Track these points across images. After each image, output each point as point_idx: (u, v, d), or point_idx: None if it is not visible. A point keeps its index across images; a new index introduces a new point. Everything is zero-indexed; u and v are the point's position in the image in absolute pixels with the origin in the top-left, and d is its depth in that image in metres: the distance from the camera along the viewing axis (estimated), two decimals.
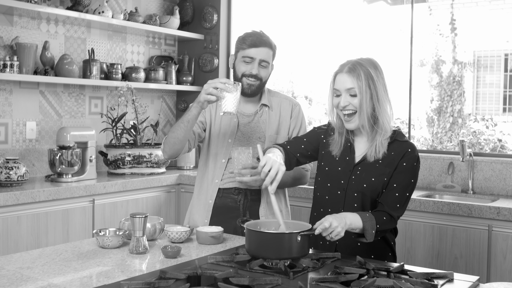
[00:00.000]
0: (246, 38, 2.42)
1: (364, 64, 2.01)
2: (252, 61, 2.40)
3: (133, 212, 2.71)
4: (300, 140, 2.23)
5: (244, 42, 2.41)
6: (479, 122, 5.65)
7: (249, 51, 2.39)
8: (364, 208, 2.03)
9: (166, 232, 2.12)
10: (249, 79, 2.41)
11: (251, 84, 2.42)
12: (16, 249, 3.03)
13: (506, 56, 6.80)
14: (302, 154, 2.20)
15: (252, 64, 2.40)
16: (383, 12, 6.84)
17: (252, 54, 2.39)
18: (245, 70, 2.41)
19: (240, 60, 2.43)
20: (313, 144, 2.21)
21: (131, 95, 3.95)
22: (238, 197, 2.46)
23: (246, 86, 2.42)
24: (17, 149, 3.66)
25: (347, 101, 2.00)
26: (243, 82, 2.41)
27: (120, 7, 4.27)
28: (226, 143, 2.47)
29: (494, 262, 2.93)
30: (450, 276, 1.74)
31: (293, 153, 2.19)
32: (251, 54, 2.39)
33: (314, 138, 2.22)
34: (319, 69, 5.66)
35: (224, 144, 2.47)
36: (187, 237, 2.14)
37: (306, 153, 2.21)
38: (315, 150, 2.20)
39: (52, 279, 1.65)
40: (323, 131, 2.21)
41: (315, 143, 2.21)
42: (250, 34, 2.43)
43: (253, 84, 2.42)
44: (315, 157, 2.22)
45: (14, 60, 3.43)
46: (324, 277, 1.64)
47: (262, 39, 2.41)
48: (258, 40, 2.40)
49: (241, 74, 2.42)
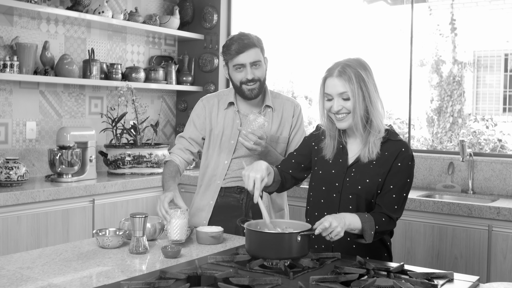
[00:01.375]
0: (229, 47, 2.37)
1: (353, 65, 1.98)
2: (243, 67, 2.37)
3: (133, 212, 2.71)
4: (291, 156, 2.22)
5: (229, 52, 2.37)
6: (479, 122, 5.65)
7: (237, 59, 2.36)
8: (359, 210, 2.02)
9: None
10: (248, 84, 2.39)
11: (252, 88, 2.40)
12: (16, 249, 3.03)
13: (506, 56, 6.80)
14: (295, 169, 2.19)
15: (245, 70, 2.37)
16: (383, 12, 6.84)
17: (241, 61, 2.36)
18: (241, 78, 2.38)
19: (232, 70, 2.40)
20: (305, 155, 2.19)
21: (131, 95, 3.95)
22: (240, 196, 2.46)
23: (248, 92, 2.40)
24: (17, 149, 3.66)
25: (340, 105, 1.98)
26: (243, 90, 2.40)
27: (120, 7, 4.27)
28: (229, 144, 2.46)
29: (494, 262, 2.93)
30: (450, 276, 1.74)
31: (285, 170, 2.18)
32: (240, 61, 2.36)
33: (305, 148, 2.21)
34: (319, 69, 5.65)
35: (227, 146, 2.47)
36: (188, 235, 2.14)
37: (299, 167, 2.19)
38: (308, 161, 2.19)
39: (52, 279, 1.65)
40: (313, 138, 2.20)
41: (306, 153, 2.19)
42: (232, 41, 2.38)
43: (254, 87, 2.40)
44: (310, 168, 2.21)
45: (14, 60, 3.43)
46: (324, 277, 1.64)
47: (244, 42, 2.36)
48: (241, 45, 2.35)
49: (238, 82, 2.40)
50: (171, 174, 2.38)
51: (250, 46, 2.36)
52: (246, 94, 2.41)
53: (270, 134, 2.47)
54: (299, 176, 2.22)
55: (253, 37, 2.40)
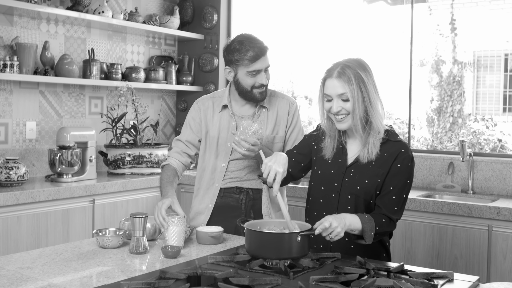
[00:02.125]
0: (243, 53, 2.31)
1: (353, 66, 1.97)
2: (258, 73, 2.35)
3: (133, 212, 2.71)
4: (290, 154, 2.20)
5: (244, 58, 2.31)
6: (479, 122, 5.65)
7: (254, 66, 2.32)
8: (358, 210, 2.02)
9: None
10: (260, 89, 2.38)
11: (262, 91, 2.39)
12: (16, 249, 3.03)
13: (506, 56, 6.80)
14: (294, 167, 2.17)
15: (260, 75, 2.35)
16: (383, 12, 6.84)
17: (258, 67, 2.33)
18: (253, 83, 2.36)
19: (245, 75, 2.35)
20: (304, 154, 2.19)
21: (131, 95, 3.95)
22: (240, 196, 2.45)
23: (259, 95, 2.39)
24: (17, 149, 3.66)
25: (340, 106, 1.98)
26: (254, 93, 2.38)
27: (120, 7, 4.27)
28: (226, 147, 2.45)
29: (494, 262, 2.93)
30: (450, 276, 1.74)
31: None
32: (257, 67, 2.32)
33: (305, 148, 2.20)
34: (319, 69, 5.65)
35: (224, 148, 2.46)
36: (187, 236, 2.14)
37: (298, 166, 2.19)
38: (308, 160, 2.19)
39: (52, 279, 1.65)
40: (313, 137, 2.19)
41: (306, 152, 2.19)
42: (244, 47, 2.31)
43: (264, 90, 2.40)
44: (309, 167, 2.21)
45: (14, 60, 3.43)
46: (324, 277, 1.64)
47: (259, 47, 2.32)
48: (258, 51, 2.31)
49: (250, 87, 2.37)
50: (169, 179, 2.35)
51: (264, 51, 2.34)
52: (257, 98, 2.40)
53: (266, 135, 2.46)
54: (297, 175, 2.22)
55: (262, 41, 2.37)
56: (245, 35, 2.38)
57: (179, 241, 2.01)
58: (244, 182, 2.45)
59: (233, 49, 2.34)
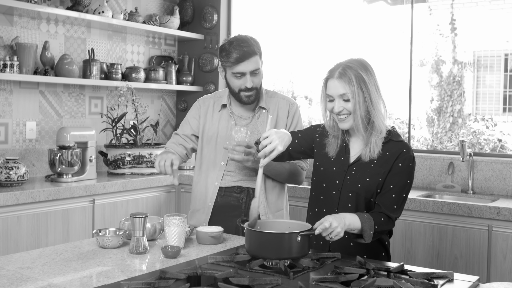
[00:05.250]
0: (229, 53, 2.31)
1: (354, 67, 1.98)
2: (243, 75, 2.35)
3: (133, 212, 2.71)
4: (295, 135, 2.20)
5: (228, 60, 2.32)
6: (479, 122, 5.65)
7: (237, 68, 2.32)
8: (358, 208, 2.03)
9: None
10: (246, 92, 2.38)
11: (250, 95, 2.39)
12: (16, 249, 3.03)
13: (506, 56, 6.80)
14: (294, 149, 2.17)
15: (244, 78, 2.35)
16: (383, 12, 6.84)
17: (241, 70, 2.33)
18: (240, 85, 2.36)
19: (231, 76, 2.37)
20: (307, 141, 2.20)
21: (131, 95, 3.95)
22: (240, 195, 2.45)
23: (246, 99, 2.40)
24: (17, 149, 3.66)
25: (341, 106, 1.99)
26: (241, 96, 2.39)
27: (120, 7, 4.27)
28: (225, 145, 2.45)
29: (494, 262, 2.93)
30: (450, 276, 1.74)
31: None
32: (240, 70, 2.32)
33: (309, 136, 2.21)
34: (319, 69, 5.65)
35: (223, 146, 2.46)
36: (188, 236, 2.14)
37: (299, 149, 2.19)
38: (309, 148, 2.19)
39: (52, 279, 1.65)
40: (318, 131, 2.20)
41: (309, 140, 2.20)
42: (231, 48, 2.31)
43: (251, 94, 2.39)
44: (308, 154, 2.21)
45: (14, 60, 3.43)
46: (324, 277, 1.64)
47: (244, 50, 2.30)
48: (242, 53, 2.30)
49: (237, 89, 2.38)
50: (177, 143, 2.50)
51: (250, 54, 2.32)
52: (244, 101, 2.41)
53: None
54: (295, 156, 2.22)
55: (253, 43, 2.35)
56: (238, 36, 2.38)
57: (179, 241, 2.02)
58: (245, 182, 2.45)
59: (223, 49, 2.36)
